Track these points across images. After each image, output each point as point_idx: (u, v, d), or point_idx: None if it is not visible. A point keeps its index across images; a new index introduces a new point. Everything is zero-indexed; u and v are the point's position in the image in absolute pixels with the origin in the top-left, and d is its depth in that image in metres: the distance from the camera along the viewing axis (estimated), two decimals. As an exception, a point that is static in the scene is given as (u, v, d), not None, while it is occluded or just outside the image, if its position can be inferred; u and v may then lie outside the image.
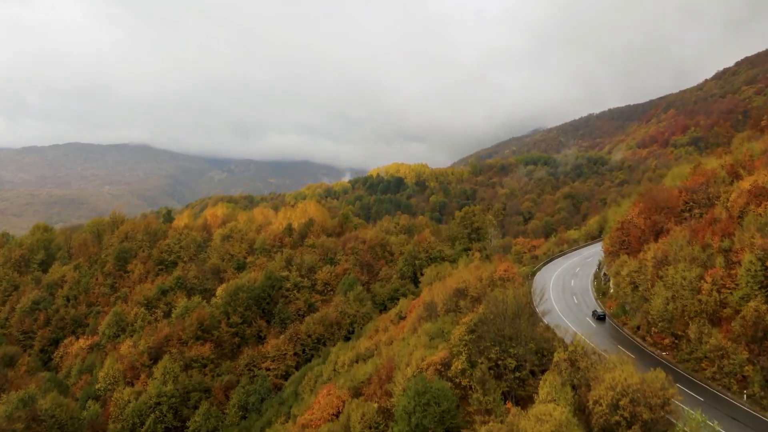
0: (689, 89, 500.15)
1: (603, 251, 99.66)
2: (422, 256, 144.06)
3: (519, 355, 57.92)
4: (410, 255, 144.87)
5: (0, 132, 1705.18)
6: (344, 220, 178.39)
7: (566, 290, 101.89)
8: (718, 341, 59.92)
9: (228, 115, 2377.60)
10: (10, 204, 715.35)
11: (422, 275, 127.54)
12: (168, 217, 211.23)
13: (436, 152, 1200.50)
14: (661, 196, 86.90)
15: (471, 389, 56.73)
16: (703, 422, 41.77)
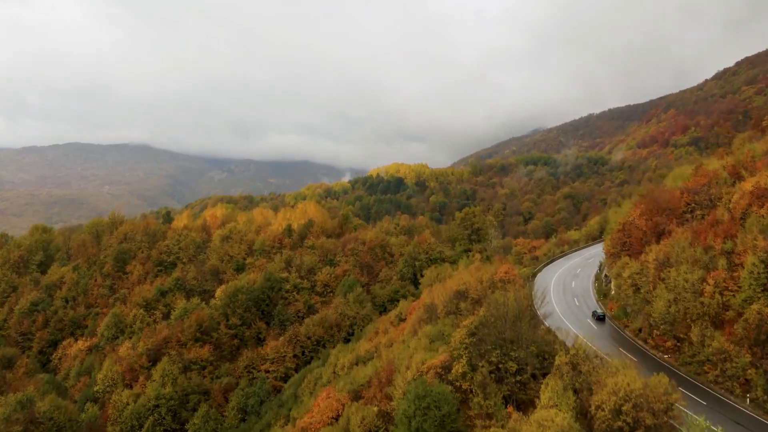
0: (689, 89, 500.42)
1: (604, 252, 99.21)
2: (422, 258, 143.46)
3: (520, 359, 57.43)
4: (410, 256, 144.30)
5: (0, 132, 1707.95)
6: (344, 221, 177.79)
7: (567, 292, 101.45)
8: (721, 344, 59.58)
9: (228, 115, 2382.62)
10: (10, 204, 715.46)
11: (422, 276, 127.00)
12: (167, 218, 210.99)
13: (436, 152, 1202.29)
14: (663, 198, 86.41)
15: (472, 393, 56.20)
16: (707, 428, 41.25)
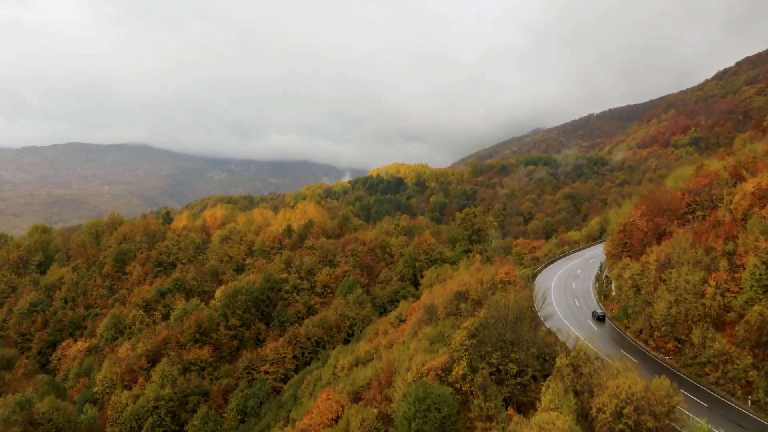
0: (690, 89, 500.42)
1: (605, 253, 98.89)
2: (422, 258, 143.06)
3: (521, 360, 57.09)
4: (410, 257, 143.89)
5: (0, 132, 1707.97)
6: (344, 222, 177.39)
7: (568, 293, 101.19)
8: (722, 346, 59.36)
9: (228, 115, 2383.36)
10: (10, 204, 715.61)
11: (422, 277, 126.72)
12: (167, 218, 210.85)
13: (436, 152, 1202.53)
14: (664, 198, 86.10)
15: (472, 395, 55.91)
16: (709, 431, 40.99)
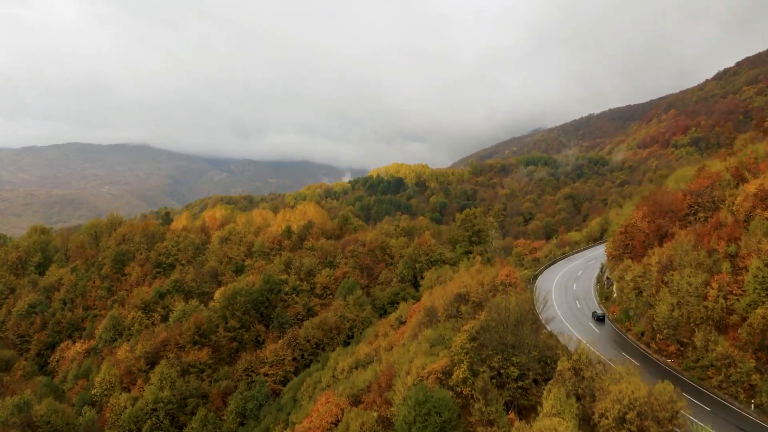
0: (690, 89, 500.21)
1: (606, 255, 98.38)
2: (422, 259, 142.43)
3: (522, 364, 56.58)
4: (410, 258, 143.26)
5: (0, 132, 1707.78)
6: (344, 222, 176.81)
7: (569, 294, 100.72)
8: (725, 349, 58.97)
9: (228, 115, 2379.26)
10: (10, 204, 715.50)
11: (422, 279, 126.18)
12: (166, 219, 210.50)
13: (436, 152, 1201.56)
14: (665, 200, 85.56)
15: (473, 399, 55.46)
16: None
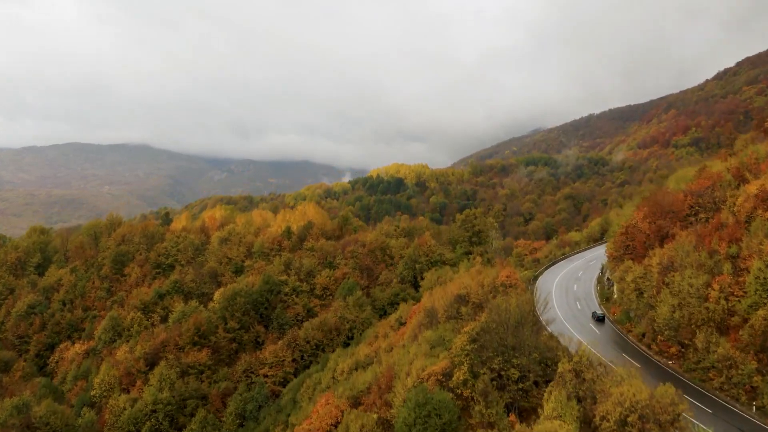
0: (690, 89, 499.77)
1: (607, 256, 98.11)
2: (423, 260, 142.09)
3: (522, 366, 56.29)
4: (410, 259, 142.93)
5: (0, 132, 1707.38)
6: (344, 223, 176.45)
7: (569, 295, 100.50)
8: (726, 351, 58.72)
9: (228, 115, 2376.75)
10: (10, 204, 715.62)
11: (423, 279, 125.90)
12: (166, 219, 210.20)
13: (436, 152, 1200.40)
14: (666, 200, 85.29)
15: (473, 401, 55.14)
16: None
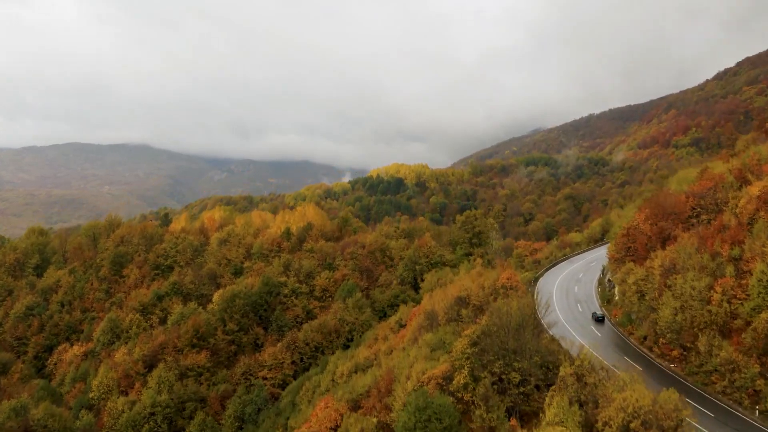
0: (690, 89, 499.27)
1: (608, 257, 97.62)
2: (423, 261, 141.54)
3: (523, 369, 55.81)
4: (410, 260, 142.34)
5: (0, 132, 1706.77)
6: (343, 224, 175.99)
7: (570, 297, 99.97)
8: (729, 354, 58.18)
9: (228, 115, 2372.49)
10: (10, 204, 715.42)
11: (423, 281, 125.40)
12: (165, 220, 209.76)
13: (436, 152, 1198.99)
14: (668, 202, 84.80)
15: (474, 405, 54.64)
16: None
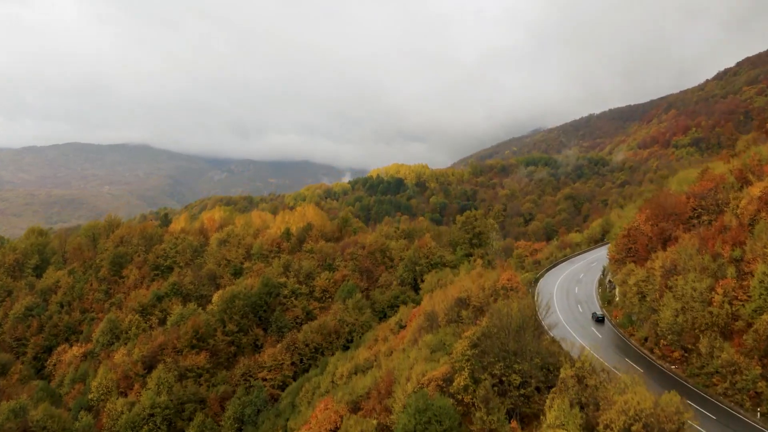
0: (690, 89, 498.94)
1: (608, 258, 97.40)
2: (423, 262, 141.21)
3: (524, 371, 55.54)
4: (410, 261, 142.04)
5: (0, 132, 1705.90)
6: (343, 224, 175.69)
7: (570, 298, 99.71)
8: (730, 356, 57.93)
9: (228, 115, 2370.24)
10: (10, 204, 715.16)
11: (423, 282, 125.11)
12: (165, 221, 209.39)
13: (436, 152, 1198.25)
14: (669, 202, 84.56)
15: (474, 407, 54.38)
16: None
